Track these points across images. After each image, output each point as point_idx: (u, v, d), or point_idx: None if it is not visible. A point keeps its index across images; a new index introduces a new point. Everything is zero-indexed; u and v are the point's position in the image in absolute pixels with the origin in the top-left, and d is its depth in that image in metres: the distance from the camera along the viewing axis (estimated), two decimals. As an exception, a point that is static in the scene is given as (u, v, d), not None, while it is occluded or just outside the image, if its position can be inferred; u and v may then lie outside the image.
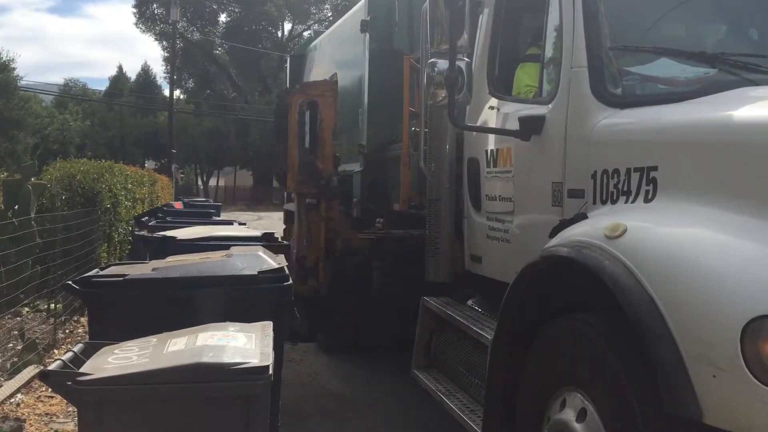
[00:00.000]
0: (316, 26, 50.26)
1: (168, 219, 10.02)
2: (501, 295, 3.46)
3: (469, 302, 4.85)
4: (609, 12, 3.64)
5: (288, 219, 12.07)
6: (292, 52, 16.35)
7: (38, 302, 8.01)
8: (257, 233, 6.54)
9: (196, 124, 51.32)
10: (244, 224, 9.78)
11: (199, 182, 58.33)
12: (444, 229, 4.91)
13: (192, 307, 3.58)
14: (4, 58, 33.58)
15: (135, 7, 54.05)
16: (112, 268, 4.17)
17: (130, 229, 11.83)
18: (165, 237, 5.85)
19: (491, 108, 4.41)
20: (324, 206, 6.12)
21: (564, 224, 3.37)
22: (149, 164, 45.99)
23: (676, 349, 2.37)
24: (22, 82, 36.52)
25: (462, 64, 3.87)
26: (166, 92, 47.77)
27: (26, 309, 7.87)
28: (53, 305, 7.95)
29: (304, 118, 6.14)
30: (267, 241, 5.89)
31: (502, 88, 4.43)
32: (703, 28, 3.97)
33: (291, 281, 3.91)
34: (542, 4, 3.98)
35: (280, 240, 6.48)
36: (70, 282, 3.77)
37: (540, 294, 3.29)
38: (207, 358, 2.70)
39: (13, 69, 34.27)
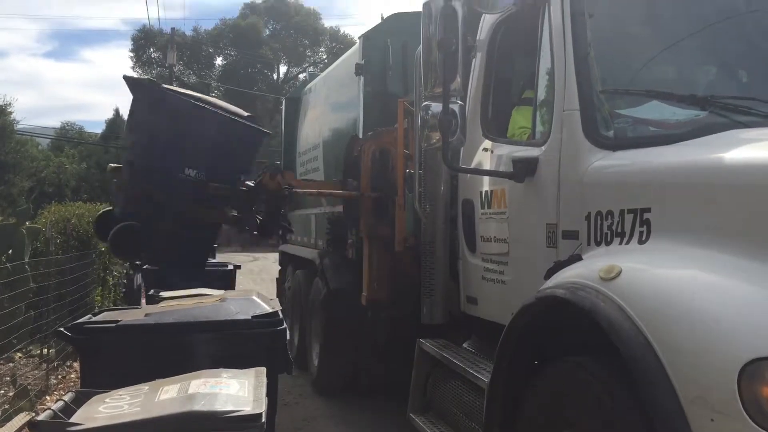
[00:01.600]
0: (311, 69, 50.84)
1: (162, 262, 10.01)
2: (497, 337, 3.45)
3: (465, 344, 4.83)
4: (599, 55, 3.69)
5: (284, 260, 12.09)
6: (288, 94, 16.51)
7: (31, 347, 7.94)
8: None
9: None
10: (239, 266, 9.75)
11: (195, 224, 58.23)
12: (439, 271, 4.91)
13: (185, 353, 3.55)
14: (1, 103, 33.83)
15: (132, 51, 54.69)
16: (105, 313, 4.13)
17: (125, 271, 11.79)
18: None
19: (485, 150, 4.44)
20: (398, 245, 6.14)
21: (559, 266, 3.37)
22: (145, 206, 45.90)
23: (674, 393, 2.35)
24: (19, 126, 36.73)
25: (455, 108, 3.90)
26: (162, 135, 47.90)
27: (19, 354, 7.79)
28: (46, 350, 7.87)
29: (376, 164, 6.32)
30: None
31: (496, 130, 4.46)
32: (693, 70, 4.02)
33: (285, 325, 3.88)
34: (534, 47, 4.03)
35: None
36: (62, 329, 3.73)
37: (536, 336, 3.28)
38: (199, 407, 2.66)
39: (10, 113, 34.50)
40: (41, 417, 2.74)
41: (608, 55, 3.80)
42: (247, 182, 6.63)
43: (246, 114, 7.11)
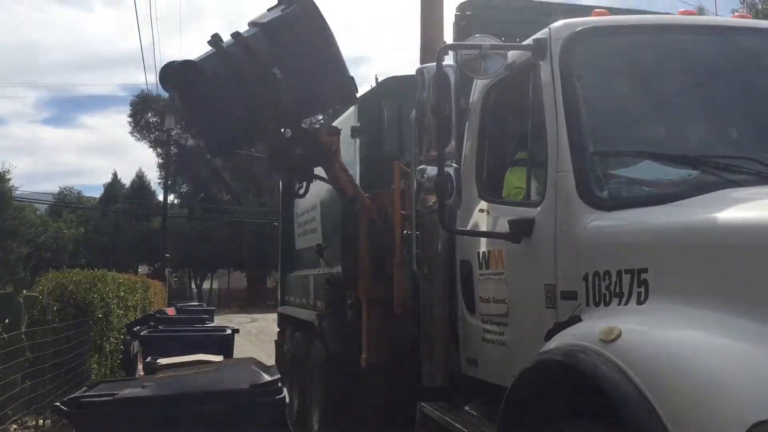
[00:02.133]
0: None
1: (160, 327, 9.94)
2: (499, 399, 3.40)
3: (467, 407, 4.75)
4: (590, 116, 3.75)
5: (283, 322, 11.99)
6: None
7: (27, 419, 7.80)
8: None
9: (190, 227, 51.59)
10: (237, 330, 9.71)
11: (193, 285, 58.07)
12: (439, 332, 4.86)
13: (184, 425, 3.49)
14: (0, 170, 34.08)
15: (130, 116, 55.36)
16: (101, 386, 4.09)
17: (122, 337, 11.69)
18: None
19: (481, 211, 4.46)
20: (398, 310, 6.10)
21: (559, 327, 3.35)
22: (143, 269, 45.91)
23: None
24: (18, 192, 36.91)
25: (450, 171, 3.93)
26: (160, 197, 48.26)
27: (14, 426, 7.65)
28: (42, 422, 7.74)
29: (375, 226, 6.31)
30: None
31: (491, 191, 4.49)
32: (684, 128, 4.08)
33: (284, 394, 3.83)
34: (525, 109, 4.09)
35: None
36: (58, 404, 3.69)
37: (538, 399, 3.24)
38: (198, 482, 2.61)
39: (9, 180, 34.71)
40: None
41: (599, 115, 3.86)
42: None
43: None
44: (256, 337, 21.15)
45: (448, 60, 4.09)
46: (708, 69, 3.99)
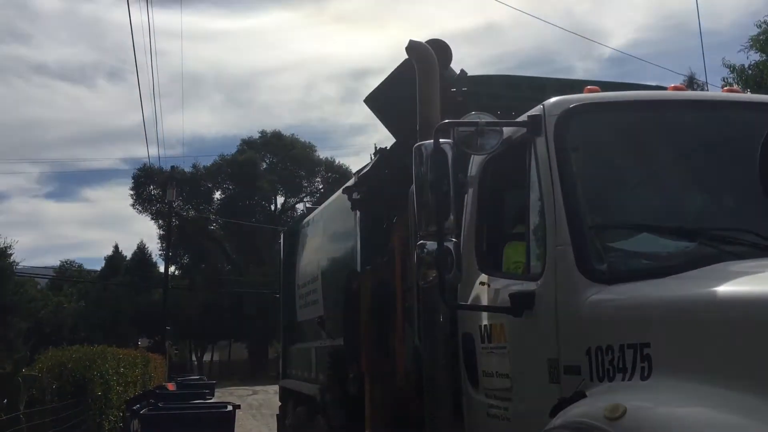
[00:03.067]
0: (307, 198, 51.80)
1: (160, 405, 9.80)
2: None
3: (475, 486, 4.65)
4: (587, 189, 3.80)
5: (284, 396, 11.82)
6: (286, 228, 16.73)
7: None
8: None
9: (191, 299, 51.38)
10: (239, 406, 9.58)
11: (194, 357, 57.45)
12: (442, 408, 4.80)
13: None
14: (1, 245, 34.16)
15: (132, 189, 55.90)
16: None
17: (121, 414, 11.52)
18: None
19: (482, 283, 4.47)
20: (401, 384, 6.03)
21: (563, 403, 3.32)
22: (143, 342, 45.47)
23: None
24: (19, 267, 36.91)
25: (450, 245, 3.95)
26: (162, 269, 48.23)
27: None
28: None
29: (376, 298, 6.30)
30: None
31: (491, 264, 4.51)
32: (681, 199, 4.11)
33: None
34: (523, 182, 4.15)
35: None
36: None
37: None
38: None
39: (10, 255, 34.77)
40: None
41: (595, 189, 3.91)
42: None
43: None
44: (257, 410, 20.80)
45: (445, 136, 4.16)
46: (700, 142, 4.07)
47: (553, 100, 4.09)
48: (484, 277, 4.48)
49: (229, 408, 8.57)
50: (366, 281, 6.55)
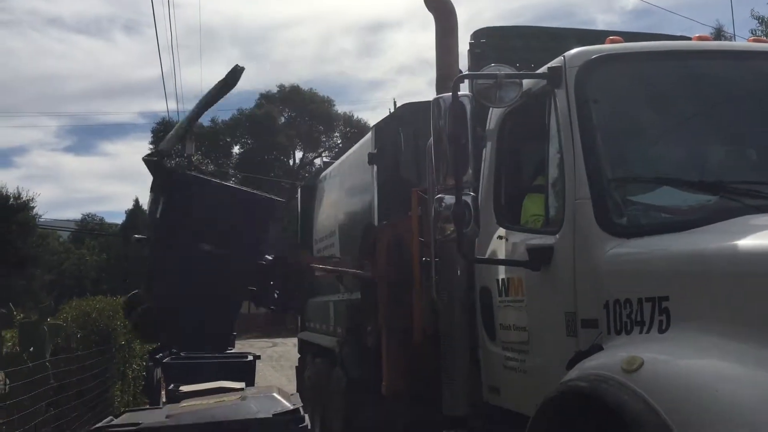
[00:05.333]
0: (325, 153, 51.68)
1: (182, 354, 9.98)
2: (522, 427, 3.40)
3: (490, 435, 4.73)
4: (608, 141, 3.76)
5: (303, 348, 11.98)
6: (303, 182, 16.73)
7: (50, 447, 7.84)
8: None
9: (211, 252, 51.81)
10: (259, 356, 9.73)
11: (214, 310, 58.18)
12: (460, 360, 4.85)
13: (206, 455, 3.52)
14: (23, 198, 34.56)
15: (151, 143, 56.00)
16: (126, 415, 4.13)
17: (144, 364, 11.75)
18: None
19: (499, 238, 4.47)
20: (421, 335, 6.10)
21: (580, 356, 3.34)
22: (164, 295, 46.10)
23: None
24: (41, 220, 37.37)
25: (468, 199, 3.95)
26: (181, 223, 48.48)
27: (38, 455, 7.70)
28: (66, 450, 7.78)
29: (392, 252, 6.35)
30: None
31: (509, 218, 4.50)
32: (703, 152, 4.06)
33: (307, 422, 3.85)
34: (542, 135, 4.11)
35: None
36: (83, 435, 3.72)
37: (561, 427, 3.22)
38: None
39: (32, 208, 35.19)
40: None
41: (616, 142, 3.86)
42: (266, 256, 6.63)
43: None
44: (277, 362, 21.15)
45: (464, 88, 4.12)
46: (724, 94, 3.99)
47: (573, 51, 4.02)
48: (501, 231, 4.47)
49: (250, 358, 8.71)
50: (382, 235, 6.57)
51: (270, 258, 6.60)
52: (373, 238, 6.74)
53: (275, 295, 6.79)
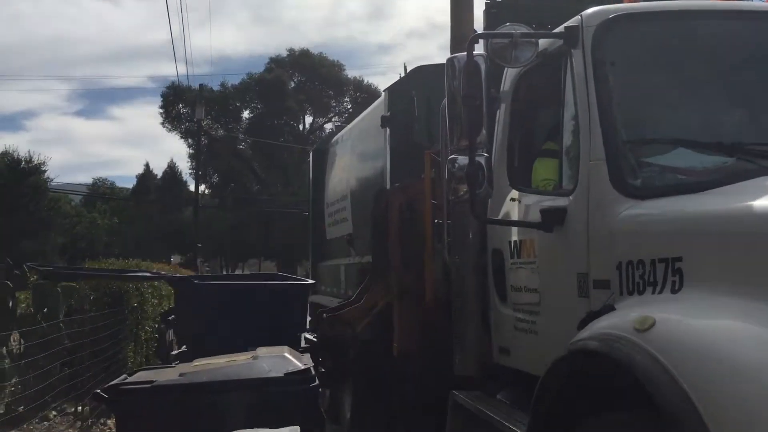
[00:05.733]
0: (336, 119, 51.50)
1: (194, 316, 10.07)
2: (532, 387, 3.41)
3: (499, 396, 4.76)
4: (623, 103, 3.71)
5: (314, 311, 12.07)
6: (315, 146, 16.71)
7: (66, 405, 7.98)
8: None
9: (221, 217, 52.11)
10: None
11: (225, 274, 58.67)
12: (471, 321, 4.88)
13: (219, 412, 3.56)
14: (35, 162, 34.68)
15: (161, 107, 55.94)
16: (140, 373, 4.18)
17: (157, 326, 11.89)
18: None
19: (512, 200, 4.46)
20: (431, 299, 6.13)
21: (592, 316, 3.34)
22: (175, 258, 46.51)
23: None
24: (52, 184, 37.56)
25: (482, 160, 3.93)
26: (192, 188, 48.76)
27: (53, 413, 7.84)
28: (80, 408, 7.91)
29: (404, 216, 6.35)
30: None
31: (522, 180, 4.48)
32: (719, 115, 4.01)
33: (318, 382, 3.88)
34: (557, 97, 4.07)
35: None
36: (98, 390, 3.78)
37: (571, 388, 3.23)
38: (236, 468, 2.67)
39: (44, 172, 35.32)
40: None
41: (632, 103, 3.82)
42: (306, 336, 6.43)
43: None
44: (287, 325, 21.30)
45: (479, 49, 4.07)
46: (744, 55, 3.93)
47: (591, 10, 3.95)
48: (514, 193, 4.46)
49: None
50: (394, 199, 6.56)
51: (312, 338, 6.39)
52: (385, 202, 6.74)
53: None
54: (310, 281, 6.13)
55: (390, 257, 6.51)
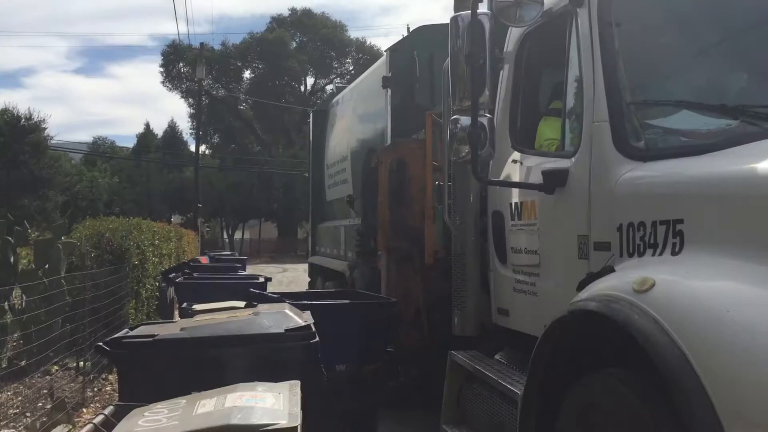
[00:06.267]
0: (337, 80, 51.14)
1: (194, 275, 10.13)
2: (529, 348, 3.44)
3: (497, 356, 4.82)
4: (628, 65, 3.68)
5: (314, 272, 12.13)
6: (316, 107, 16.64)
7: (67, 360, 8.06)
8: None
9: (222, 178, 52.07)
10: (270, 279, 9.85)
11: (225, 235, 58.85)
12: (470, 283, 4.91)
13: (220, 366, 3.60)
14: (35, 119, 34.51)
15: (162, 66, 55.54)
16: (142, 327, 4.21)
17: (158, 284, 11.96)
18: None
19: (514, 161, 4.45)
20: (418, 259, 6.15)
21: (591, 277, 3.35)
22: (175, 219, 46.60)
23: (711, 407, 2.32)
24: (53, 141, 37.42)
25: (484, 121, 3.92)
26: (192, 148, 48.65)
27: (55, 367, 7.92)
28: (82, 363, 7.99)
29: (394, 175, 6.34)
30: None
31: (525, 141, 4.47)
32: (724, 78, 3.98)
33: (318, 338, 3.92)
34: (561, 58, 4.04)
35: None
36: (100, 343, 3.81)
37: (569, 348, 3.27)
38: (236, 420, 2.69)
39: (44, 129, 35.17)
40: (83, 431, 2.80)
41: (637, 64, 3.78)
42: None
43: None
44: (287, 286, 21.40)
45: (483, 8, 4.03)
46: (750, 17, 3.88)
47: (598, -31, 3.89)
48: (516, 155, 4.45)
49: (261, 280, 8.83)
50: (385, 158, 6.52)
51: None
52: (375, 162, 6.71)
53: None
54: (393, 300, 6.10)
55: (378, 216, 6.48)
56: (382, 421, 6.56)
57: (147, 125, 55.96)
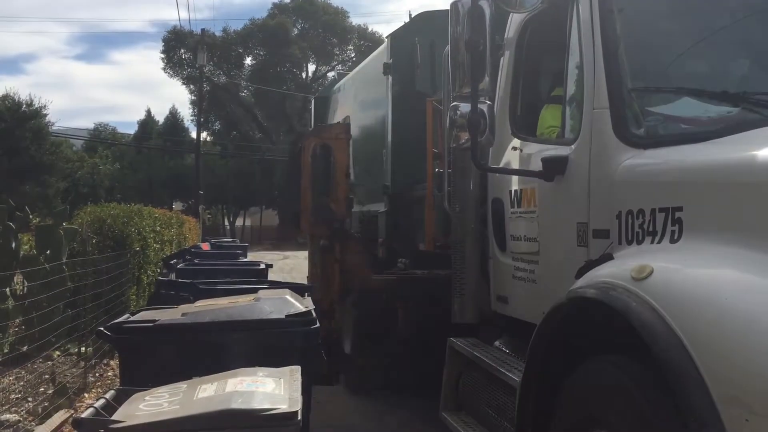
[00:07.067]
0: (339, 67, 50.97)
1: (196, 261, 10.13)
2: (528, 335, 3.46)
3: (496, 343, 4.83)
4: (629, 51, 3.68)
5: (312, 260, 12.16)
6: (317, 94, 16.61)
7: (69, 346, 8.11)
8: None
9: (223, 165, 52.03)
10: (271, 265, 9.86)
11: (226, 222, 58.87)
12: (469, 270, 4.91)
13: (221, 352, 3.62)
14: (36, 105, 34.48)
15: (163, 52, 55.36)
16: (143, 313, 4.23)
17: (159, 270, 11.97)
18: None
19: (514, 149, 4.45)
20: (338, 248, 6.16)
21: (590, 265, 3.36)
22: (177, 205, 46.61)
23: (707, 393, 2.34)
24: (54, 128, 37.42)
25: (484, 107, 3.91)
26: (193, 134, 48.56)
27: (57, 353, 7.96)
28: (83, 349, 8.03)
29: (317, 160, 6.28)
30: None
31: (525, 128, 4.46)
32: (725, 65, 3.97)
33: (318, 324, 3.94)
34: (562, 45, 4.03)
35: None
36: (102, 328, 3.84)
37: (568, 335, 3.28)
38: (237, 405, 2.72)
39: (45, 115, 35.15)
40: (84, 414, 2.83)
41: (638, 51, 3.78)
42: None
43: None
44: (288, 273, 21.43)
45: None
46: (752, 3, 3.87)
47: (599, -45, 3.88)
48: (516, 143, 4.45)
49: (263, 266, 8.84)
50: (308, 143, 6.46)
51: None
52: (300, 146, 6.66)
53: None
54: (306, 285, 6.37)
55: (301, 201, 6.44)
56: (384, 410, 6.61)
57: (148, 112, 55.81)
